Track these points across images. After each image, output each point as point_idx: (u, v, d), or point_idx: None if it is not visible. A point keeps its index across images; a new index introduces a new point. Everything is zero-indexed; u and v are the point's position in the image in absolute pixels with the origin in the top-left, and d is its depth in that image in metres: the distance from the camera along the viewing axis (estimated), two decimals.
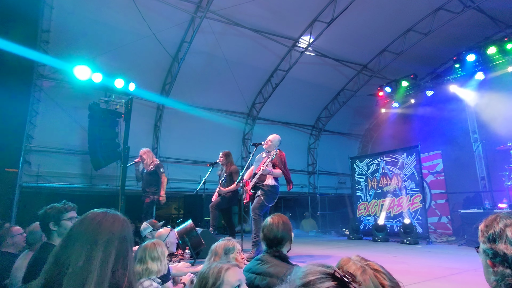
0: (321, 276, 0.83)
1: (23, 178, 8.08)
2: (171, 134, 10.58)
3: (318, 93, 12.70)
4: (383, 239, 8.67)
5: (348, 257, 1.40)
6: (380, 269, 1.24)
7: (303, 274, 0.86)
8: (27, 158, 8.19)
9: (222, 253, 2.78)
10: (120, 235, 1.26)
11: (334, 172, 14.57)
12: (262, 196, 5.35)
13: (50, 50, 8.08)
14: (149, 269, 2.56)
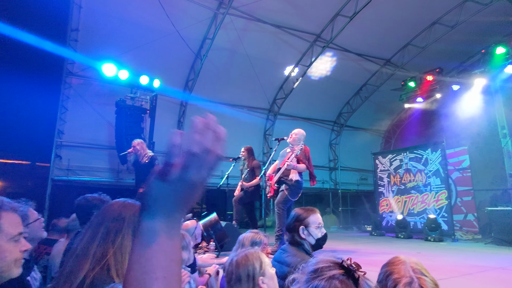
0: (330, 264, 0.94)
1: (55, 172, 8.45)
2: None
3: (340, 88, 12.57)
4: (406, 236, 8.55)
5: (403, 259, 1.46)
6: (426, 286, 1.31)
7: (315, 262, 0.97)
8: (58, 152, 8.55)
9: (248, 245, 2.84)
10: (116, 215, 1.40)
11: (356, 168, 14.41)
12: (286, 190, 5.39)
13: (79, 48, 8.37)
14: None
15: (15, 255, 1.18)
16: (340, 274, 0.90)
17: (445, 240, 7.87)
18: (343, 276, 0.89)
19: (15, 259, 1.17)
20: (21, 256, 1.20)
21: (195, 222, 4.28)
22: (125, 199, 1.54)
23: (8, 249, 1.16)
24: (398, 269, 1.46)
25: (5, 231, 1.16)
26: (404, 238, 8.50)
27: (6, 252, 1.15)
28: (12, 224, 1.19)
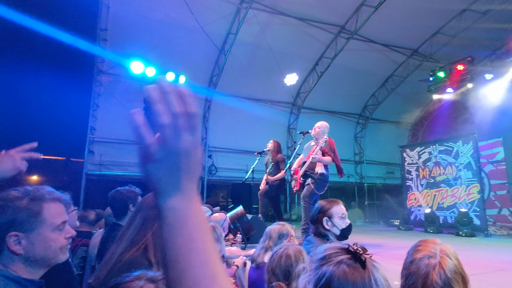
0: (337, 250, 0.99)
1: (88, 166, 8.88)
2: (218, 125, 10.92)
3: (365, 80, 12.31)
4: (436, 231, 8.32)
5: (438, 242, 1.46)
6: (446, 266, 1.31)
7: (323, 250, 1.02)
8: (91, 148, 8.96)
9: (276, 237, 2.88)
10: (152, 204, 1.55)
11: (382, 162, 14.12)
12: (312, 184, 5.40)
13: (108, 47, 8.68)
14: None
15: (61, 243, 1.23)
16: (347, 258, 0.95)
17: (478, 236, 7.60)
18: (351, 260, 0.94)
19: (60, 247, 1.23)
20: (66, 242, 1.26)
21: (224, 215, 4.39)
22: None
23: (53, 238, 1.20)
24: (427, 245, 1.45)
25: (49, 222, 1.19)
26: (434, 232, 8.29)
27: (51, 241, 1.19)
28: (56, 214, 1.22)
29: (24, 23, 6.29)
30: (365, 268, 0.93)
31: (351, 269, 0.92)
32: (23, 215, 1.13)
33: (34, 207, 1.16)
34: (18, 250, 1.12)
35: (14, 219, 1.12)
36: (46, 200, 1.20)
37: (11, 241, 1.11)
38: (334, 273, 0.93)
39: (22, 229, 1.13)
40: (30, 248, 1.14)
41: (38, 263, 1.17)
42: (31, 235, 1.14)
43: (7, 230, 1.11)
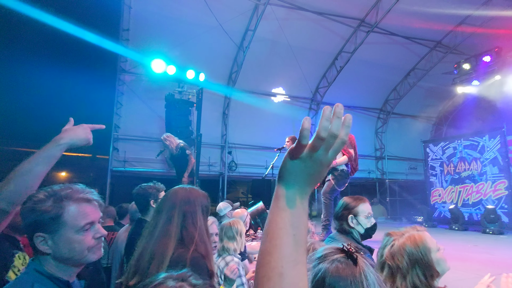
0: (333, 250, 1.10)
1: (113, 163, 9.18)
2: (238, 121, 11.01)
3: (386, 74, 12.04)
4: (461, 228, 8.11)
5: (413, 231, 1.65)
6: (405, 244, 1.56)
7: (321, 250, 1.13)
8: (115, 145, 9.25)
9: None
10: (186, 199, 1.62)
11: (404, 157, 13.81)
12: (332, 180, 5.39)
13: (130, 47, 8.90)
14: (225, 247, 2.79)
15: (87, 244, 1.21)
16: (341, 257, 1.06)
17: (506, 233, 7.35)
18: (344, 258, 1.05)
19: (87, 248, 1.21)
20: (95, 243, 1.24)
21: (245, 211, 4.47)
22: (184, 186, 1.74)
23: (77, 240, 1.18)
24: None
25: (70, 224, 1.18)
26: (459, 230, 8.08)
27: (75, 243, 1.18)
28: (78, 215, 1.20)
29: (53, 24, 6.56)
30: (357, 265, 1.03)
31: (343, 266, 1.03)
32: (46, 217, 1.15)
33: (55, 210, 1.17)
34: (46, 250, 1.16)
35: (38, 221, 1.15)
36: (69, 202, 1.19)
37: (38, 241, 1.15)
38: (328, 269, 1.04)
39: (46, 231, 1.15)
40: (56, 248, 1.16)
41: (66, 263, 1.20)
42: (55, 237, 1.16)
43: (34, 231, 1.15)
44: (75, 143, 1.50)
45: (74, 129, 1.52)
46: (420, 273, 1.50)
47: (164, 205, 1.63)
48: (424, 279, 1.49)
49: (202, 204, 1.65)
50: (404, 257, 1.53)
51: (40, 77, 7.73)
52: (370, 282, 1.02)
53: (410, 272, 1.51)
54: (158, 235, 1.53)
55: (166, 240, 1.50)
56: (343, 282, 1.01)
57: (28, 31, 7.09)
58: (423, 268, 1.51)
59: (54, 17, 6.66)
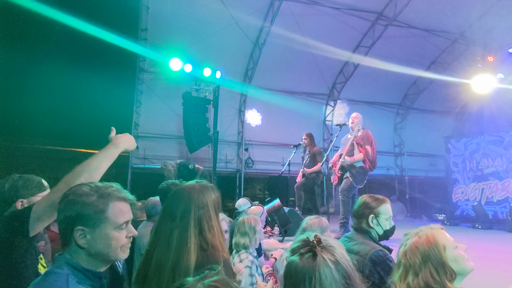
0: (302, 243, 1.19)
1: (133, 160, 9.40)
2: (254, 118, 11.03)
3: (405, 68, 11.74)
4: (485, 227, 7.85)
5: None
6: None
7: (295, 241, 1.23)
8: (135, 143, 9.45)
9: (318, 231, 2.85)
10: (200, 203, 1.56)
11: (424, 153, 13.46)
12: (350, 177, 5.34)
13: (149, 47, 9.06)
14: (237, 243, 2.82)
15: (121, 242, 1.26)
16: (306, 250, 1.15)
17: None
18: (307, 252, 1.14)
19: (121, 246, 1.26)
20: (127, 242, 1.30)
21: (261, 208, 4.49)
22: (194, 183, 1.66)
23: (115, 237, 1.23)
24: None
25: (112, 220, 1.23)
26: (483, 228, 7.83)
27: (112, 239, 1.23)
28: (120, 213, 1.26)
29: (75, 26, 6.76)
30: (314, 259, 1.12)
31: (303, 259, 1.13)
32: (90, 211, 1.19)
33: (100, 205, 1.21)
34: (83, 244, 1.19)
35: (82, 214, 1.18)
36: (113, 199, 1.25)
37: (77, 235, 1.18)
38: (293, 262, 1.15)
39: (87, 224, 1.19)
40: (92, 243, 1.20)
41: (98, 258, 1.24)
42: (95, 231, 1.20)
43: (74, 224, 1.18)
44: (128, 147, 1.76)
45: (125, 136, 1.76)
46: (434, 270, 1.47)
47: (177, 209, 1.54)
48: (438, 277, 1.46)
49: (214, 203, 1.62)
50: (417, 254, 1.51)
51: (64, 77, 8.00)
52: (324, 278, 1.09)
53: (422, 269, 1.48)
54: (176, 245, 1.47)
55: (185, 251, 1.45)
56: (301, 275, 1.10)
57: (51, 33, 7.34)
58: (435, 266, 1.48)
59: (76, 19, 6.86)
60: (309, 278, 1.09)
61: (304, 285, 1.10)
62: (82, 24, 6.94)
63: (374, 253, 2.10)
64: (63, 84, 8.24)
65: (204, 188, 1.63)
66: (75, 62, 7.80)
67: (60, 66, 7.82)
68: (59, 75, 7.78)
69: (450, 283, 1.46)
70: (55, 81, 7.98)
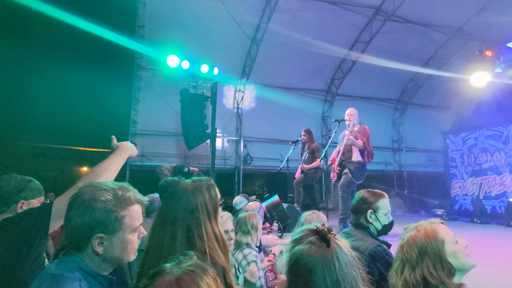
0: (307, 232, 1.13)
1: (131, 158, 9.34)
2: (252, 115, 11.01)
3: (403, 63, 11.72)
4: (484, 221, 7.87)
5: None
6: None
7: (296, 233, 1.16)
8: (133, 140, 9.41)
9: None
10: (189, 208, 1.45)
11: (423, 149, 13.48)
12: (349, 173, 5.33)
13: (146, 43, 9.01)
14: (238, 241, 2.78)
15: (136, 244, 1.26)
16: (315, 238, 1.10)
17: None
18: (318, 240, 1.09)
19: (134, 248, 1.25)
20: (138, 243, 1.28)
21: (258, 203, 4.48)
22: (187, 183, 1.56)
23: (131, 240, 1.22)
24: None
25: (130, 225, 1.20)
26: (481, 223, 7.85)
27: (129, 243, 1.21)
28: (136, 217, 1.24)
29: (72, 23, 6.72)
30: (329, 246, 1.07)
31: (316, 247, 1.07)
32: (111, 217, 1.16)
33: (120, 211, 1.18)
34: (100, 251, 1.16)
35: (102, 220, 1.14)
36: (131, 203, 1.22)
37: (95, 242, 1.14)
38: (302, 252, 1.08)
39: (106, 231, 1.16)
40: (109, 249, 1.17)
41: (112, 263, 1.22)
42: (114, 238, 1.17)
43: (93, 230, 1.14)
44: (132, 154, 1.93)
45: (128, 143, 1.94)
46: (431, 265, 1.44)
47: (168, 215, 1.46)
48: (435, 272, 1.42)
49: (208, 204, 1.50)
50: (414, 248, 1.49)
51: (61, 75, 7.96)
52: (342, 263, 1.06)
53: (419, 263, 1.46)
54: (165, 254, 1.37)
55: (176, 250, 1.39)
56: (315, 263, 1.05)
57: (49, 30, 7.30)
58: (433, 260, 1.45)
59: (72, 16, 6.81)
60: (325, 265, 1.04)
61: (316, 273, 1.05)
62: (78, 21, 6.89)
63: (373, 249, 2.08)
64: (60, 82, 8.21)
65: (196, 189, 1.52)
66: (72, 60, 7.76)
67: (57, 64, 7.79)
68: (56, 73, 7.75)
69: (448, 279, 1.43)
70: (52, 79, 7.95)
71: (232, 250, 2.89)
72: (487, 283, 2.88)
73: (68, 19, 6.68)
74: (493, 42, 9.57)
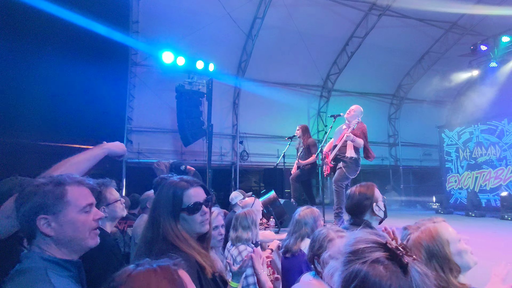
0: (372, 245, 0.81)
1: (128, 155, 9.30)
2: (248, 111, 10.98)
3: (399, 58, 11.75)
4: (478, 214, 7.94)
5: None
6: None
7: (354, 241, 0.84)
8: (129, 137, 9.39)
9: (312, 223, 2.78)
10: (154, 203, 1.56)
11: (418, 143, 13.57)
12: (344, 168, 5.33)
13: (140, 39, 8.93)
14: (239, 237, 2.79)
15: (89, 225, 1.26)
16: (384, 257, 0.79)
17: None
18: (388, 260, 0.78)
19: (89, 228, 1.26)
20: (95, 225, 1.29)
21: (253, 199, 4.49)
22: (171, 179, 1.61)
23: (81, 220, 1.23)
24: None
25: (73, 203, 1.22)
26: (476, 216, 7.92)
27: (79, 222, 1.23)
28: (80, 196, 1.25)
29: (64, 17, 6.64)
30: (407, 274, 0.77)
31: (388, 273, 0.76)
32: (50, 198, 1.19)
33: (58, 191, 1.21)
34: (49, 232, 1.18)
35: (42, 203, 1.17)
36: (69, 184, 1.25)
37: (41, 223, 1.16)
38: (369, 275, 0.77)
39: (49, 212, 1.18)
40: (60, 229, 1.19)
41: (69, 246, 1.22)
42: (59, 217, 1.19)
43: (36, 214, 1.17)
44: (115, 152, 1.81)
45: (114, 142, 1.84)
46: (438, 267, 1.42)
47: (150, 213, 1.56)
48: (442, 274, 1.41)
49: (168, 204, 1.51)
50: (421, 251, 1.45)
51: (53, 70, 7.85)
52: None
53: (427, 267, 1.44)
54: (142, 243, 1.51)
55: (147, 247, 1.46)
56: None
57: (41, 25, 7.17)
58: (440, 262, 1.43)
59: (66, 11, 6.73)
60: None
61: None
62: (71, 16, 6.81)
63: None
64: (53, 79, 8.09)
65: (169, 185, 1.56)
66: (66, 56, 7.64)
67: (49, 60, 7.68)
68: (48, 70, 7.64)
69: (455, 280, 1.41)
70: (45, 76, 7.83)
71: (229, 246, 2.90)
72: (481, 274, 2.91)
73: (59, 13, 6.59)
74: (488, 37, 9.61)
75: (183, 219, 1.51)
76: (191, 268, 1.36)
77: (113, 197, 2.42)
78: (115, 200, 2.43)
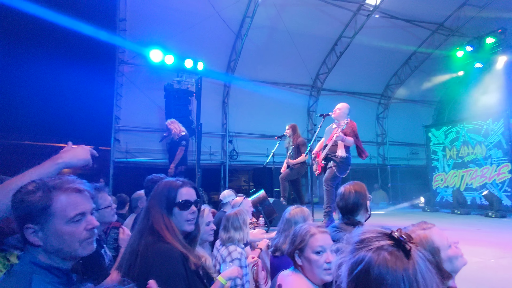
0: (378, 235, 0.87)
1: (115, 154, 9.16)
2: (238, 110, 10.93)
3: (387, 59, 11.89)
4: (464, 212, 8.12)
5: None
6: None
7: (361, 232, 0.91)
8: (117, 136, 9.22)
9: (302, 222, 2.84)
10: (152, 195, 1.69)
11: (406, 142, 13.77)
12: (334, 167, 5.36)
13: (128, 37, 8.80)
14: (231, 237, 2.77)
15: (78, 236, 1.18)
16: (389, 245, 0.84)
17: (509, 216, 7.36)
18: (393, 247, 0.83)
19: (79, 240, 1.18)
20: (87, 235, 1.20)
21: (243, 198, 4.47)
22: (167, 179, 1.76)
23: (67, 231, 1.16)
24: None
25: (59, 215, 1.15)
26: (461, 214, 8.10)
27: (66, 234, 1.15)
28: (68, 206, 1.17)
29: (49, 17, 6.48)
30: (410, 258, 0.82)
31: (393, 258, 0.81)
32: (35, 208, 1.14)
33: (43, 201, 1.15)
34: (36, 242, 1.13)
35: (28, 212, 1.13)
36: (58, 193, 1.17)
37: (28, 232, 1.13)
38: (373, 260, 0.82)
39: (35, 222, 1.13)
40: (46, 240, 1.14)
41: (58, 256, 1.17)
42: (45, 228, 1.14)
43: (24, 222, 1.14)
44: (74, 163, 1.52)
45: (73, 150, 1.53)
46: None
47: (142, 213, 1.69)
48: None
49: (163, 198, 1.65)
50: None
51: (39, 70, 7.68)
52: (428, 281, 0.80)
53: None
54: (134, 232, 1.62)
55: (138, 237, 1.56)
56: (393, 277, 0.79)
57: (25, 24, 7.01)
58: None
59: (50, 11, 6.57)
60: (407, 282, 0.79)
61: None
62: (56, 15, 6.66)
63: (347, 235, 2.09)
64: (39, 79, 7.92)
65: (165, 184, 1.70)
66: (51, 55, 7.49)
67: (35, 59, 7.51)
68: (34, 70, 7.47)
69: (444, 284, 1.41)
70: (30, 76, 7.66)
71: (218, 245, 2.88)
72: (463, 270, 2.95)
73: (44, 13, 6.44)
74: (473, 38, 9.80)
75: (174, 214, 1.63)
76: (176, 257, 1.48)
77: (105, 203, 2.35)
78: (106, 206, 2.36)
